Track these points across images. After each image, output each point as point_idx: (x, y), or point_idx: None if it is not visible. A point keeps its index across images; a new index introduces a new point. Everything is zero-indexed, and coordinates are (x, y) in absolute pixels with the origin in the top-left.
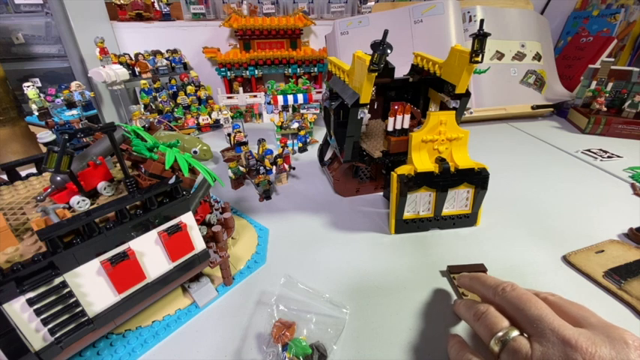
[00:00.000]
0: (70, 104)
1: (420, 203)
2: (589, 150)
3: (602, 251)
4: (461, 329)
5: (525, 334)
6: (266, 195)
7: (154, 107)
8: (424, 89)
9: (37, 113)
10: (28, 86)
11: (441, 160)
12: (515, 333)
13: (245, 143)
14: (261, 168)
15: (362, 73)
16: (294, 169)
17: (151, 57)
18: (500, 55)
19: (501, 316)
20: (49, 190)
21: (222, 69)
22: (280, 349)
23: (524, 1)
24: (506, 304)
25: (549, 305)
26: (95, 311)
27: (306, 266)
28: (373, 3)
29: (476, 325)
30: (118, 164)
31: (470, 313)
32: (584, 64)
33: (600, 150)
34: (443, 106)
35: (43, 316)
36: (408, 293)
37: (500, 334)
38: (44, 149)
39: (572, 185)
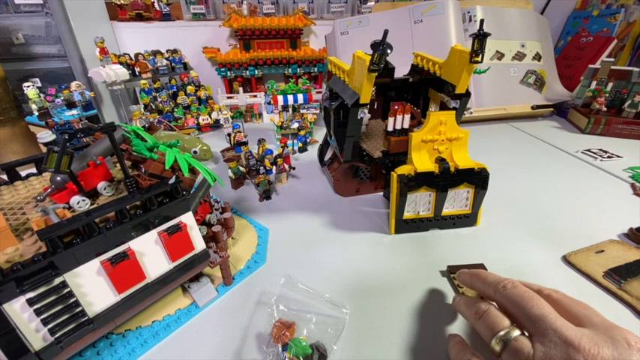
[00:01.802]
0: (70, 104)
1: (420, 203)
2: (589, 150)
3: (602, 251)
4: (461, 329)
5: (527, 334)
6: (266, 195)
7: (154, 107)
8: (424, 89)
9: (37, 113)
10: (28, 86)
11: (441, 160)
12: (516, 333)
13: (245, 143)
14: (261, 168)
15: (362, 73)
16: (294, 169)
17: (151, 57)
18: (500, 55)
19: (502, 315)
20: (49, 190)
21: (222, 69)
22: (280, 349)
23: (524, 1)
24: (507, 302)
25: (552, 303)
26: (95, 311)
27: (306, 266)
28: (373, 3)
29: (477, 323)
30: (118, 164)
31: (471, 312)
32: (584, 64)
33: (600, 150)
34: (443, 106)
35: (43, 316)
36: (408, 293)
37: (501, 333)
38: (44, 149)
39: (572, 185)
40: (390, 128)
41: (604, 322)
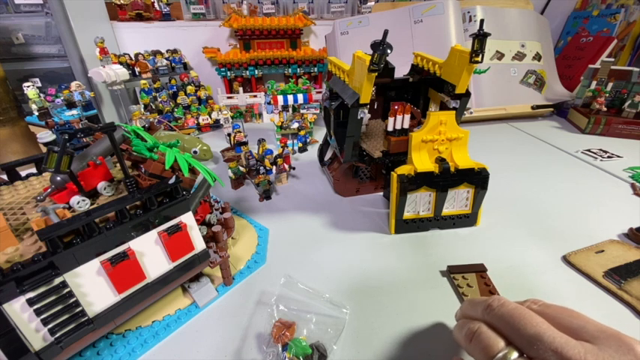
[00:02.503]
0: (70, 104)
1: (420, 203)
2: (589, 150)
3: (602, 251)
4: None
5: (525, 356)
6: (266, 195)
7: (154, 107)
8: (424, 89)
9: (37, 113)
10: (28, 86)
11: (441, 160)
12: (514, 355)
13: (245, 143)
14: (261, 168)
15: (362, 73)
16: (294, 169)
17: (151, 57)
18: (500, 55)
19: (495, 335)
20: (49, 190)
21: (222, 69)
22: (280, 349)
23: (524, 1)
24: (498, 322)
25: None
26: (95, 311)
27: (306, 266)
28: (373, 3)
29: (469, 347)
30: (118, 164)
31: (461, 334)
32: (584, 64)
33: (600, 150)
34: (443, 106)
35: (43, 316)
36: (408, 293)
37: (499, 356)
38: (44, 149)
39: (572, 185)
40: (390, 128)
41: (602, 331)
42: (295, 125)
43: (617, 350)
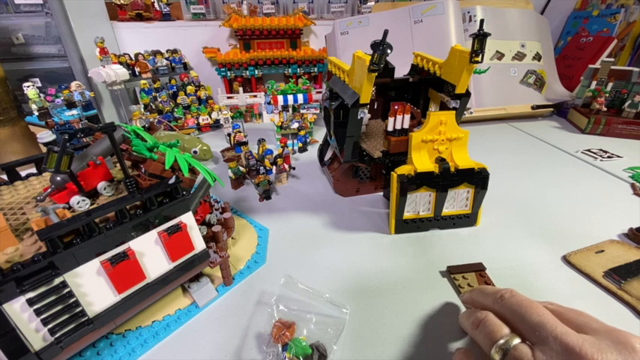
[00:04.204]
0: (70, 104)
1: (420, 203)
2: (589, 150)
3: (602, 251)
4: (459, 331)
5: (528, 342)
6: (266, 195)
7: (154, 107)
8: (424, 89)
9: (37, 113)
10: (28, 86)
11: (441, 160)
12: (516, 341)
13: (245, 143)
14: (261, 168)
15: (362, 73)
16: (294, 169)
17: (150, 57)
18: (500, 55)
19: (501, 322)
20: (49, 190)
21: (222, 69)
22: (280, 349)
23: (524, 1)
24: (507, 311)
25: None
26: (95, 311)
27: (306, 266)
28: (373, 3)
29: (475, 333)
30: (118, 164)
31: (469, 322)
32: (584, 64)
33: (600, 150)
34: (443, 106)
35: (43, 316)
36: (408, 293)
37: (501, 342)
38: (44, 149)
39: (572, 185)
40: (390, 128)
41: (604, 327)
42: (295, 125)
43: (614, 341)
